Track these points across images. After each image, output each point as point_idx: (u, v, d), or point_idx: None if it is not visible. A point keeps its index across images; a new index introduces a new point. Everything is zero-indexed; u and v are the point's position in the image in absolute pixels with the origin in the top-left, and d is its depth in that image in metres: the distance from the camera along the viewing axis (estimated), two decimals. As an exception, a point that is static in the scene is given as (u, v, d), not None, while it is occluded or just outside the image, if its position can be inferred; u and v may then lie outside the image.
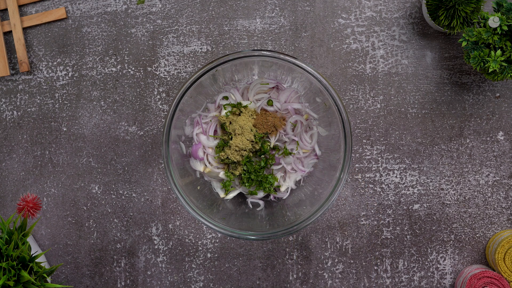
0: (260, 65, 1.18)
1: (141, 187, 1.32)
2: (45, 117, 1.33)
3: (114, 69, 1.33)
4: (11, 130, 1.33)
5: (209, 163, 1.23)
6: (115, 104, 1.33)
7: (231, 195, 1.25)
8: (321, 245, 1.31)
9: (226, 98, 1.23)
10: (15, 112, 1.33)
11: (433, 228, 1.31)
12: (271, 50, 1.19)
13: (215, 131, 1.23)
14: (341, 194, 1.31)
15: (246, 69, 1.20)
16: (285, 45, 1.32)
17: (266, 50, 1.11)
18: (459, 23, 1.21)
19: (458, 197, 1.31)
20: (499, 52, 1.15)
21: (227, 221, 1.15)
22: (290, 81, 1.23)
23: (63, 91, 1.33)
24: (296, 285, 1.32)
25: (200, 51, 1.32)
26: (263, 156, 1.22)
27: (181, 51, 1.32)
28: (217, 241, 1.32)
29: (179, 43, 1.32)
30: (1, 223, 1.11)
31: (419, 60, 1.31)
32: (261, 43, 1.32)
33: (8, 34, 1.34)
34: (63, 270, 1.33)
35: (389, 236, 1.31)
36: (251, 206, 1.25)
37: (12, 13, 1.32)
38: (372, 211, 1.31)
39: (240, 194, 1.27)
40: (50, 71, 1.33)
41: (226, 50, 1.32)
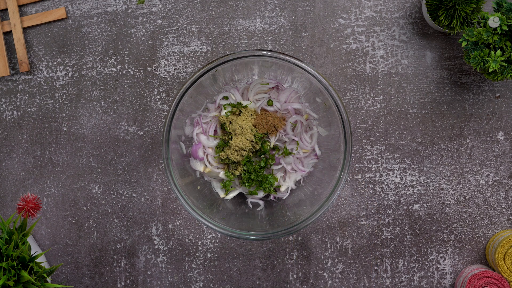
0: (260, 65, 1.18)
1: (141, 187, 1.32)
2: (45, 117, 1.33)
3: (114, 69, 1.33)
4: (11, 130, 1.33)
5: (209, 163, 1.23)
6: (115, 104, 1.33)
7: (231, 195, 1.25)
8: (321, 245, 1.31)
9: (226, 98, 1.23)
10: (15, 112, 1.33)
11: (433, 228, 1.31)
12: (271, 50, 1.19)
13: (215, 131, 1.23)
14: (341, 194, 1.31)
15: (246, 69, 1.20)
16: (285, 45, 1.32)
17: (266, 50, 1.11)
18: (459, 23, 1.21)
19: (458, 197, 1.31)
20: (499, 52, 1.15)
21: (227, 221, 1.15)
22: (290, 81, 1.23)
23: (63, 91, 1.33)
24: (296, 285, 1.32)
25: (200, 51, 1.32)
26: (263, 156, 1.22)
27: (181, 51, 1.32)
28: (217, 241, 1.32)
29: (179, 43, 1.32)
30: (1, 223, 1.11)
31: (419, 60, 1.31)
32: (261, 43, 1.32)
33: (8, 34, 1.34)
34: (63, 270, 1.33)
35: (389, 236, 1.31)
36: (251, 206, 1.25)
37: (12, 13, 1.32)
38: (372, 211, 1.31)
39: (240, 194, 1.26)
40: (50, 71, 1.33)
41: (226, 50, 1.32)
